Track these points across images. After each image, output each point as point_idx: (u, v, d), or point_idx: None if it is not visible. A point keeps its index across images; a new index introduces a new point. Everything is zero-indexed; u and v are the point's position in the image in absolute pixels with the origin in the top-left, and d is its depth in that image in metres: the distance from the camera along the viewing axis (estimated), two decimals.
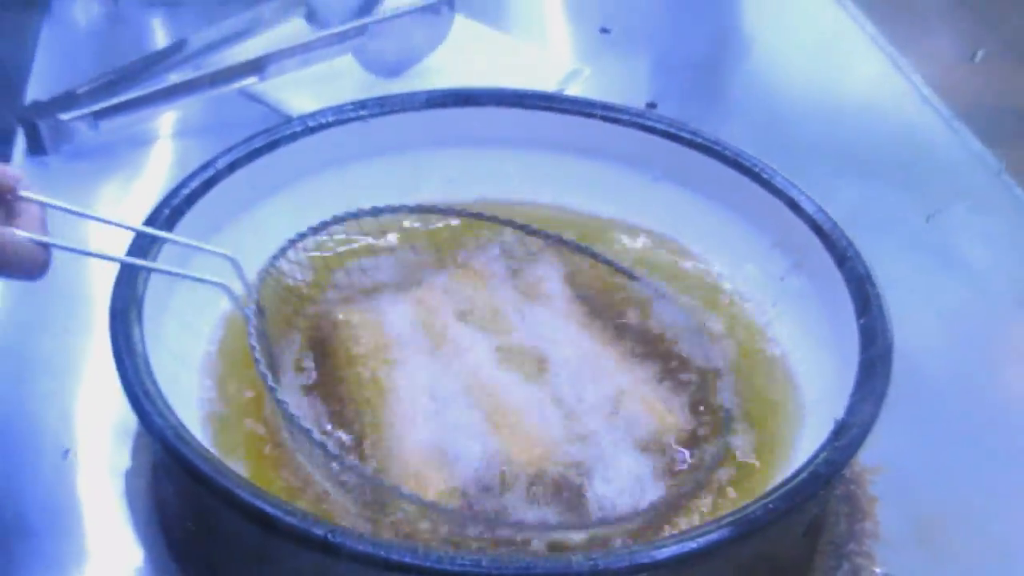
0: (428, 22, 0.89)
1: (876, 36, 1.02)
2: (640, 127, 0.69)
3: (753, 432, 0.57)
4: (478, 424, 0.54)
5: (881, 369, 0.52)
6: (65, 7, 1.00)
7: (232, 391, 0.58)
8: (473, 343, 0.59)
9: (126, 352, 0.50)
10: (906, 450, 0.59)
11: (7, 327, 0.66)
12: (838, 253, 0.60)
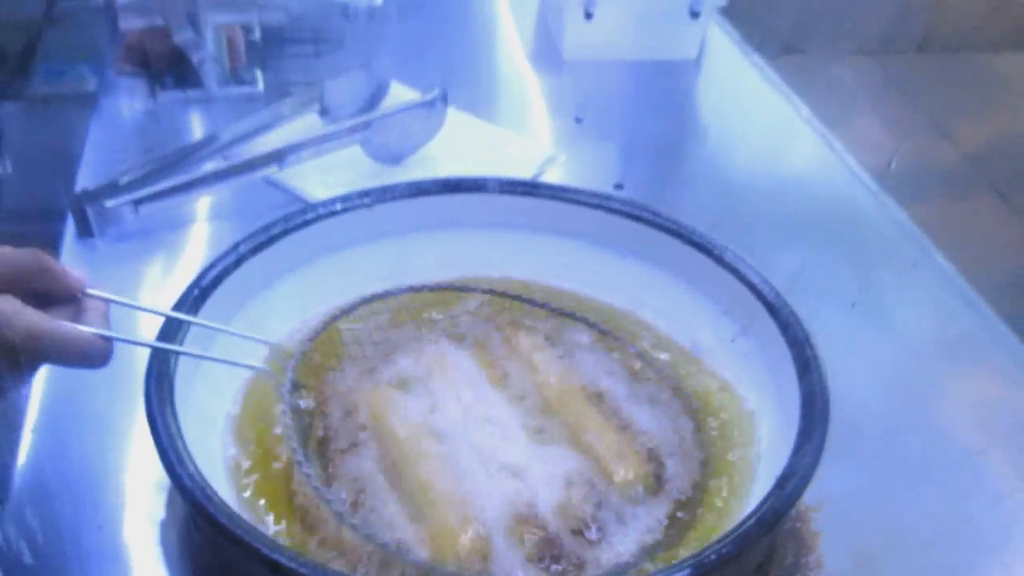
0: (425, 115, 0.89)
1: (812, 120, 1.03)
2: (606, 210, 0.69)
3: (710, 480, 0.57)
4: (495, 488, 0.54)
5: (819, 424, 0.52)
6: (111, 104, 1.00)
7: (253, 449, 0.58)
8: (483, 409, 0.59)
9: (159, 419, 0.51)
10: (845, 488, 0.59)
11: (62, 389, 0.65)
12: (780, 319, 0.60)
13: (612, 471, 0.55)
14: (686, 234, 0.66)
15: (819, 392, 0.55)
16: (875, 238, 0.87)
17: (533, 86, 1.09)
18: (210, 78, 0.99)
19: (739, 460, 0.58)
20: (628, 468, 0.55)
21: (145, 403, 0.52)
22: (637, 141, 0.98)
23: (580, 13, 1.05)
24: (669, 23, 1.08)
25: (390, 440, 0.56)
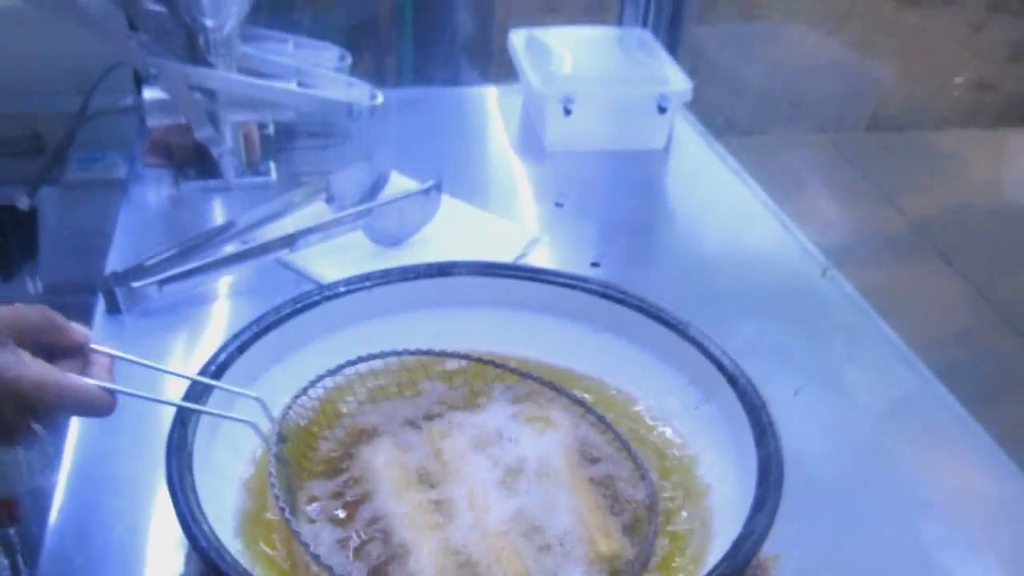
0: (421, 202, 0.90)
1: (767, 202, 1.03)
2: (582, 290, 0.69)
3: (676, 537, 0.57)
4: (477, 546, 0.54)
5: (774, 486, 0.53)
6: (139, 193, 1.01)
7: (262, 505, 0.58)
8: (466, 469, 0.59)
9: (178, 484, 0.51)
10: (800, 539, 0.59)
11: (88, 455, 0.66)
12: (739, 389, 0.61)
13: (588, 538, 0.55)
14: (654, 311, 0.67)
15: (774, 455, 0.55)
16: (826, 309, 0.88)
17: (519, 174, 1.09)
18: (228, 169, 1.00)
19: (698, 518, 0.58)
20: (602, 539, 0.56)
21: (166, 468, 0.52)
22: (612, 223, 0.99)
23: (560, 110, 1.06)
24: (639, 117, 1.09)
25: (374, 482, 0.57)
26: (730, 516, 0.54)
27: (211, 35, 0.94)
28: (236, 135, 1.00)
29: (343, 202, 0.93)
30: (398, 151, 1.02)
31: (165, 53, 0.95)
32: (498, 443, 0.61)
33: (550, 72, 1.08)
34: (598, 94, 1.07)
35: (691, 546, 0.56)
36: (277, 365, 0.66)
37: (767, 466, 0.54)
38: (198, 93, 0.95)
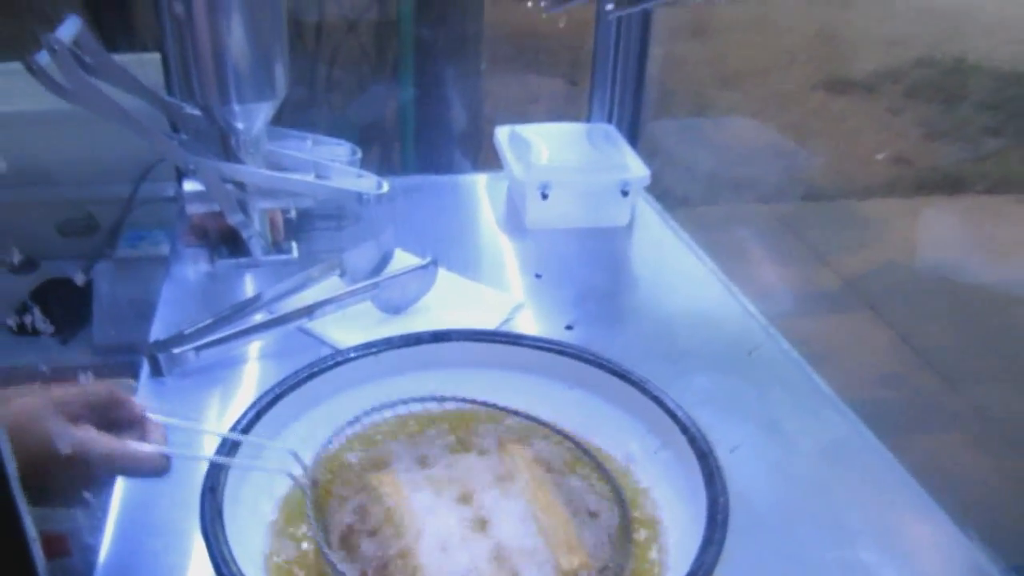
0: (421, 275, 0.90)
1: (715, 271, 1.04)
2: (558, 353, 0.70)
3: (636, 573, 0.56)
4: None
5: (721, 524, 0.53)
6: (179, 269, 1.01)
7: (288, 545, 0.58)
8: (472, 501, 0.59)
9: (210, 529, 0.51)
10: (747, 568, 0.59)
11: (133, 501, 0.66)
12: (690, 437, 0.61)
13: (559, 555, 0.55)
14: (618, 370, 0.68)
15: (721, 495, 0.55)
16: (767, 364, 0.88)
17: (504, 249, 1.10)
18: (256, 249, 1.00)
19: (654, 555, 0.58)
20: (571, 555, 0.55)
21: (200, 515, 0.52)
22: (584, 290, 0.99)
23: (538, 194, 1.07)
24: (606, 200, 1.10)
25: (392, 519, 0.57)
26: (684, 551, 0.54)
27: (242, 136, 0.95)
28: (263, 219, 1.01)
29: (355, 276, 0.93)
30: (401, 231, 1.02)
31: (202, 151, 0.96)
32: (482, 479, 0.62)
33: (529, 162, 1.10)
34: (570, 181, 1.09)
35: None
36: (298, 421, 0.66)
37: (715, 506, 0.55)
38: (230, 185, 0.96)
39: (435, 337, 0.71)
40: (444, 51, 1.67)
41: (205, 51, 0.89)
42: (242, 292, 0.97)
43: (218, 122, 0.95)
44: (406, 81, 1.70)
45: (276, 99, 0.94)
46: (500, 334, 0.77)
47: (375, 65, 1.74)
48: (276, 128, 1.05)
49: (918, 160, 3.98)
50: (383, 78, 1.74)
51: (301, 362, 0.68)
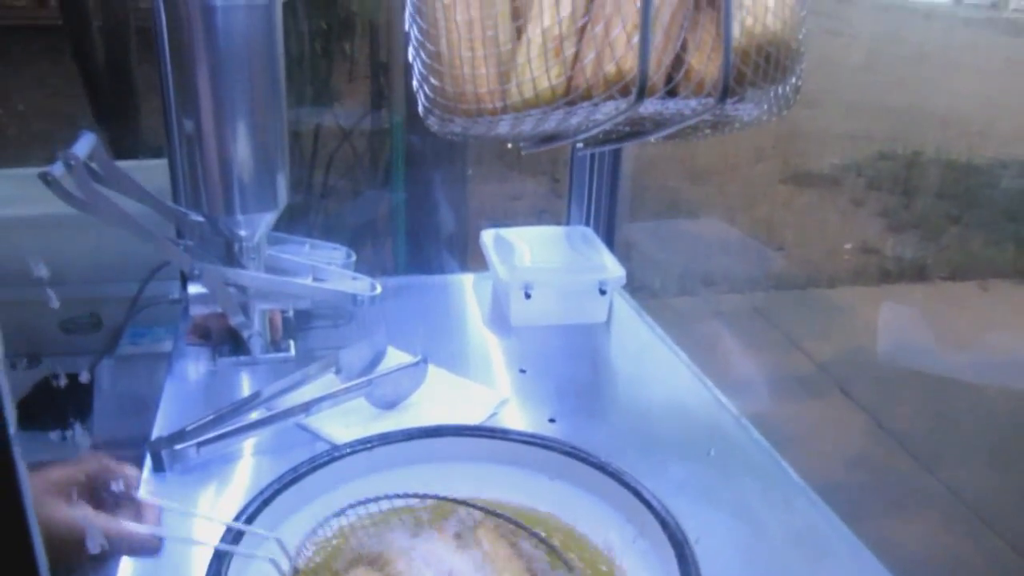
0: (412, 372, 0.92)
1: (689, 364, 1.07)
2: (541, 446, 0.73)
3: None
4: None
5: None
6: (182, 367, 1.03)
7: None
8: None
9: None
10: None
11: None
12: (665, 526, 0.64)
13: None
14: (597, 463, 0.71)
15: None
16: (738, 453, 0.90)
17: (491, 346, 1.12)
18: (256, 348, 1.02)
19: None
20: None
21: None
22: (565, 385, 1.01)
23: (522, 294, 1.11)
24: (585, 298, 1.14)
25: None
26: None
27: (244, 243, 0.99)
28: (263, 320, 1.03)
29: (349, 374, 0.95)
30: (393, 330, 1.05)
31: (206, 256, 1.00)
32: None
33: (513, 264, 1.14)
34: (551, 281, 1.13)
35: None
36: (297, 513, 0.68)
37: None
38: (233, 288, 0.99)
39: (426, 433, 0.74)
40: (433, 157, 1.73)
41: (212, 166, 0.93)
42: (242, 389, 0.98)
43: (222, 230, 0.99)
44: (397, 186, 1.76)
45: (278, 209, 0.98)
46: (487, 429, 0.80)
47: (368, 170, 1.80)
48: (275, 233, 1.08)
49: (883, 249, 4.07)
50: (375, 183, 1.80)
51: (299, 457, 0.70)
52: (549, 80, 0.57)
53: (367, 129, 1.82)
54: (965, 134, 6.01)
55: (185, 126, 0.95)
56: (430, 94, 0.66)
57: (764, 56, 0.59)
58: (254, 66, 0.89)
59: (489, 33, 0.57)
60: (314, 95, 1.71)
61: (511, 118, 0.61)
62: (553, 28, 0.56)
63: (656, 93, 0.59)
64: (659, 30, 0.54)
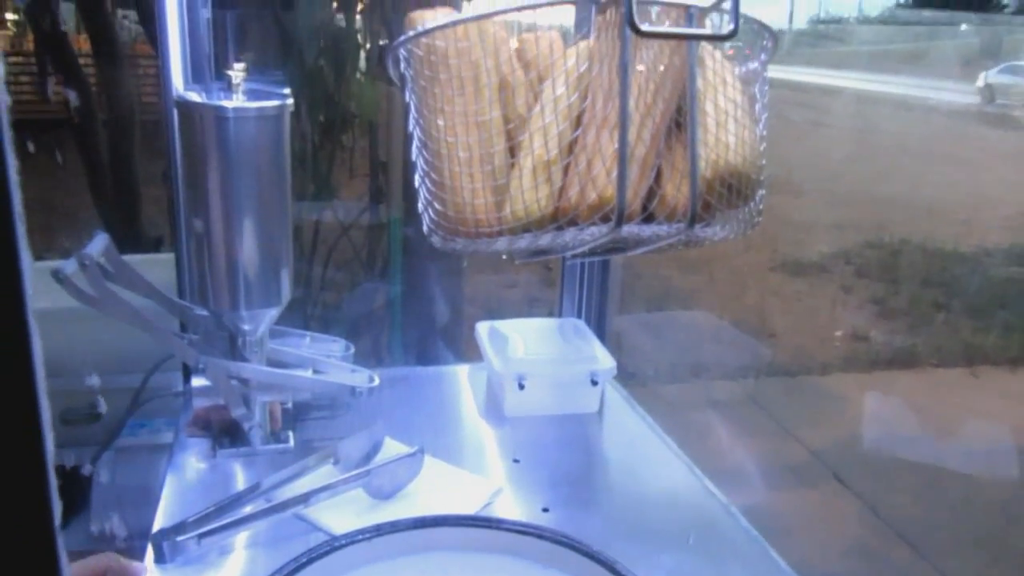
0: (409, 463, 0.94)
1: (679, 453, 1.09)
2: (534, 536, 0.75)
3: None
4: None
5: None
6: (183, 459, 1.04)
7: None
8: None
9: None
10: None
11: None
12: None
13: None
14: (589, 552, 0.73)
15: None
16: (727, 541, 0.92)
17: (485, 436, 1.14)
18: (256, 439, 1.04)
19: None
20: None
21: None
22: (558, 474, 1.03)
23: (516, 385, 1.14)
24: (577, 389, 1.17)
25: None
26: None
27: (247, 337, 1.03)
28: (263, 411, 1.06)
29: (347, 464, 0.97)
30: (390, 420, 1.07)
31: (210, 350, 1.03)
32: None
33: (507, 356, 1.17)
34: (544, 372, 1.16)
35: None
36: None
37: None
38: (235, 381, 1.02)
39: (422, 523, 0.76)
40: (429, 249, 1.78)
41: (220, 264, 0.98)
42: (242, 480, 1.00)
43: (227, 324, 1.03)
44: (394, 278, 1.81)
45: (282, 304, 1.03)
46: (482, 519, 0.82)
47: (366, 263, 1.86)
48: (276, 327, 1.12)
49: (873, 336, 4.12)
50: (373, 275, 1.85)
51: (298, 548, 0.72)
52: (539, 206, 0.63)
53: (365, 223, 1.89)
54: (950, 222, 6.16)
55: (195, 225, 0.99)
56: (434, 217, 0.72)
57: (727, 187, 0.65)
58: (263, 170, 0.95)
59: (487, 167, 0.64)
60: (315, 191, 1.78)
61: (507, 239, 0.67)
62: (543, 156, 0.62)
63: (634, 219, 0.66)
64: (635, 165, 0.60)
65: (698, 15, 0.59)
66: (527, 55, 0.69)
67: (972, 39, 9.81)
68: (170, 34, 1.08)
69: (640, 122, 0.59)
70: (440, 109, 0.66)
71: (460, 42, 0.64)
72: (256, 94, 0.95)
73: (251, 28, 1.55)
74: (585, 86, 0.63)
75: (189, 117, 0.93)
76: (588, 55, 0.65)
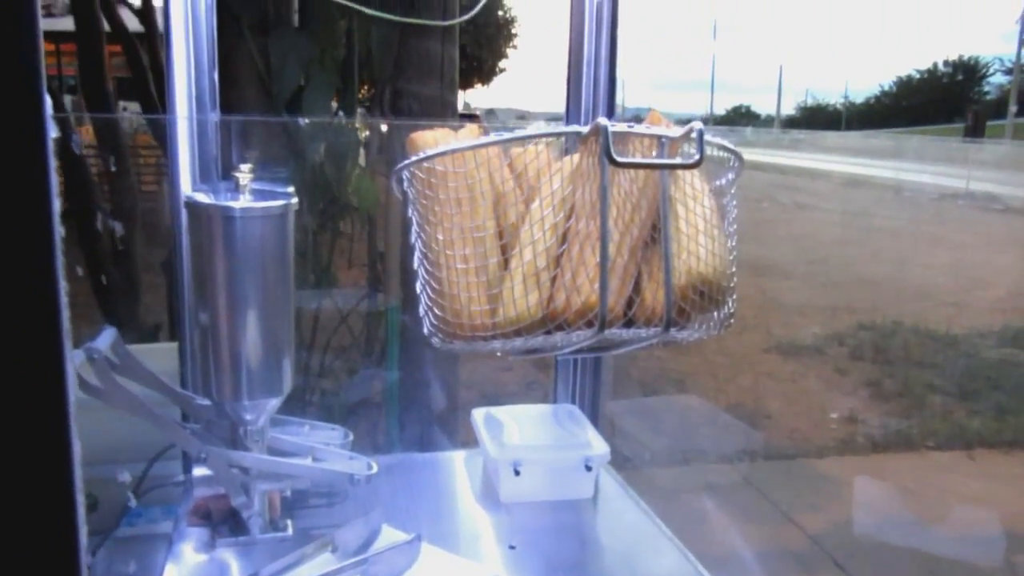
0: (406, 551, 0.96)
1: (672, 537, 1.11)
2: None
3: None
4: None
5: None
6: (183, 548, 1.05)
7: None
8: None
9: None
10: None
11: None
12: None
13: None
14: None
15: None
16: None
17: (481, 522, 1.15)
18: (255, 528, 1.06)
19: None
20: None
21: None
22: (554, 560, 1.04)
23: (511, 471, 1.16)
24: (572, 475, 1.19)
25: None
26: None
27: (249, 427, 1.06)
28: (263, 500, 1.07)
29: (345, 553, 0.99)
30: (388, 508, 1.09)
31: (212, 440, 1.06)
32: None
33: (502, 442, 1.20)
34: (539, 459, 1.18)
35: None
36: None
37: None
38: (236, 470, 1.05)
39: None
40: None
41: (224, 356, 1.02)
42: (241, 569, 1.01)
43: (229, 414, 1.05)
44: (392, 364, 1.84)
45: (283, 394, 1.06)
46: None
47: (364, 350, 1.90)
48: (276, 416, 1.15)
49: (868, 418, 4.14)
50: (371, 362, 1.89)
51: None
52: (530, 312, 0.70)
53: (364, 311, 1.93)
54: (941, 304, 6.24)
55: (200, 318, 1.03)
56: (434, 321, 0.78)
57: (699, 294, 0.71)
58: (268, 267, 0.99)
59: (482, 277, 0.70)
60: (315, 281, 1.83)
61: (501, 341, 0.73)
62: (532, 268, 0.68)
63: (617, 323, 0.73)
64: (615, 276, 0.66)
65: (670, 143, 0.66)
66: (518, 167, 0.76)
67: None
68: (180, 138, 1.14)
69: (619, 238, 0.65)
70: (440, 224, 0.71)
71: (457, 167, 0.71)
72: (261, 194, 1.00)
73: (255, 127, 1.62)
74: (570, 206, 0.69)
75: (198, 217, 0.98)
76: (572, 177, 0.72)
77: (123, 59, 3.62)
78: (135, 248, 3.12)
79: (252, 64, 1.63)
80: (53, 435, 0.31)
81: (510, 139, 0.75)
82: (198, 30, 1.16)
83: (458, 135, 0.79)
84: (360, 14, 1.48)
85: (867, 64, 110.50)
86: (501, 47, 17.77)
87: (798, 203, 10.10)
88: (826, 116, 46.77)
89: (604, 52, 1.26)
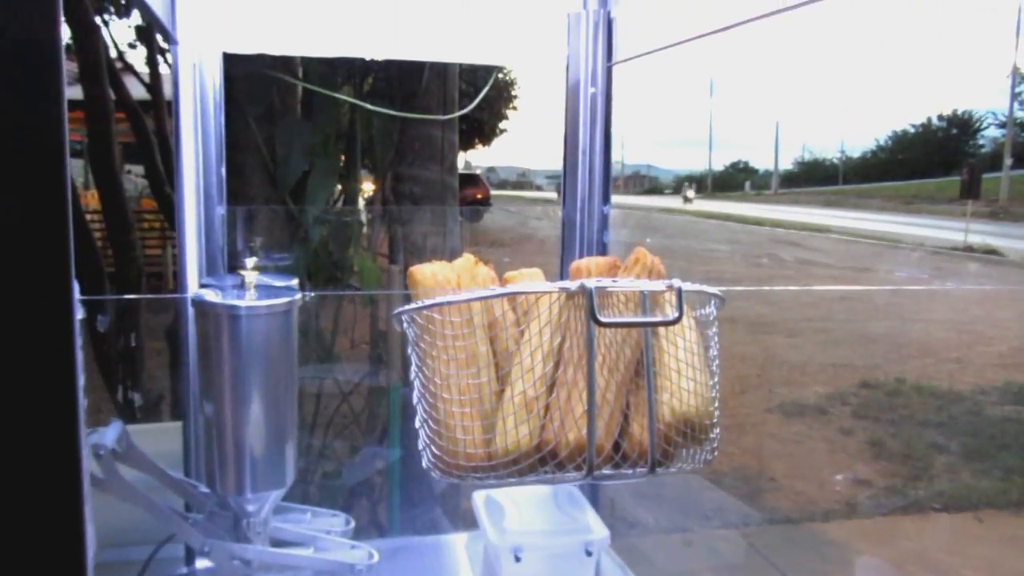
0: None
1: None
2: None
3: None
4: None
5: None
6: None
7: None
8: None
9: None
10: None
11: None
12: None
13: None
14: None
15: None
16: None
17: None
18: None
19: None
20: None
21: None
22: None
23: (512, 557, 1.16)
24: (572, 560, 1.19)
25: None
26: None
27: (252, 518, 1.07)
28: None
29: None
30: None
31: (214, 531, 1.07)
32: None
33: (503, 527, 1.21)
34: (539, 544, 1.19)
35: None
36: None
37: None
38: (238, 561, 1.06)
39: None
40: None
41: (228, 449, 1.03)
42: None
43: (232, 506, 1.07)
44: (393, 442, 1.86)
45: (286, 486, 1.07)
46: None
47: (365, 429, 1.91)
48: (279, 503, 1.16)
49: (874, 480, 4.12)
50: (372, 440, 1.90)
51: None
52: (519, 443, 0.74)
53: (365, 388, 1.95)
54: (943, 360, 6.24)
55: (205, 411, 1.05)
56: (432, 458, 0.82)
57: (682, 434, 0.74)
58: (272, 361, 1.02)
59: (478, 423, 0.74)
60: (316, 363, 1.85)
61: (495, 478, 0.77)
62: (523, 415, 0.71)
63: (604, 454, 0.77)
64: (601, 420, 0.69)
65: (651, 296, 0.69)
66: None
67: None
68: (187, 232, 1.18)
69: (605, 384, 0.68)
70: (437, 368, 0.75)
71: (454, 316, 0.74)
72: (267, 290, 1.03)
73: (260, 214, 1.66)
74: (557, 357, 0.72)
75: (204, 314, 1.01)
76: (558, 326, 0.77)
77: (127, 125, 3.71)
78: (140, 316, 3.15)
79: (258, 152, 1.68)
80: (68, 526, 0.33)
81: (502, 294, 0.79)
82: (207, 127, 1.20)
83: (454, 265, 0.82)
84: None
85: (861, 119, 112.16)
86: (501, 109, 18.09)
87: (798, 258, 10.18)
88: (823, 170, 47.40)
89: (599, 142, 1.31)
